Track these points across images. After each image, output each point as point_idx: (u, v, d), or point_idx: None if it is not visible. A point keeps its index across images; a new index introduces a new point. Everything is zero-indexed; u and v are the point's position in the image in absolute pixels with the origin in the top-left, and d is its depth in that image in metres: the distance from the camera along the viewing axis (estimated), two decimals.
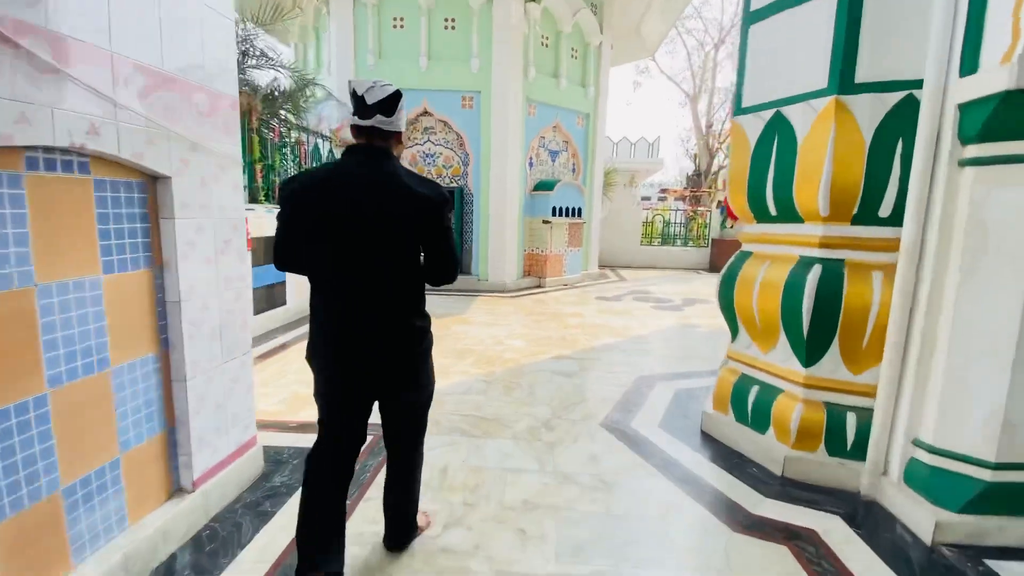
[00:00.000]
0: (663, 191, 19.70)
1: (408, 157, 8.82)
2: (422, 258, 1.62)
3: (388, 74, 8.33)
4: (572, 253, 9.64)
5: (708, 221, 13.06)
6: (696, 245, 13.24)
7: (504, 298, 7.99)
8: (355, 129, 1.51)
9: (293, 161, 6.56)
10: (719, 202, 12.69)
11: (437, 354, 2.22)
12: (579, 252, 9.80)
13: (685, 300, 8.29)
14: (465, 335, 5.54)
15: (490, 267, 8.71)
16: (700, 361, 4.77)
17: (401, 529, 1.89)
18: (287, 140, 6.42)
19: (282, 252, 1.53)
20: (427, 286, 1.67)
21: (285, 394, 3.64)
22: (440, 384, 2.57)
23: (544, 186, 9.13)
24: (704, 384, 4.00)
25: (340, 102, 8.05)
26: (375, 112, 1.46)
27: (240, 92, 4.93)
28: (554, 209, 9.06)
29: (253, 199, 5.74)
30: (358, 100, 1.46)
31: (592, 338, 5.55)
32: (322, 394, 1.61)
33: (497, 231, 8.61)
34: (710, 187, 21.15)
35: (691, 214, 13.50)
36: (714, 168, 21.49)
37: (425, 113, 8.60)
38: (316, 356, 1.58)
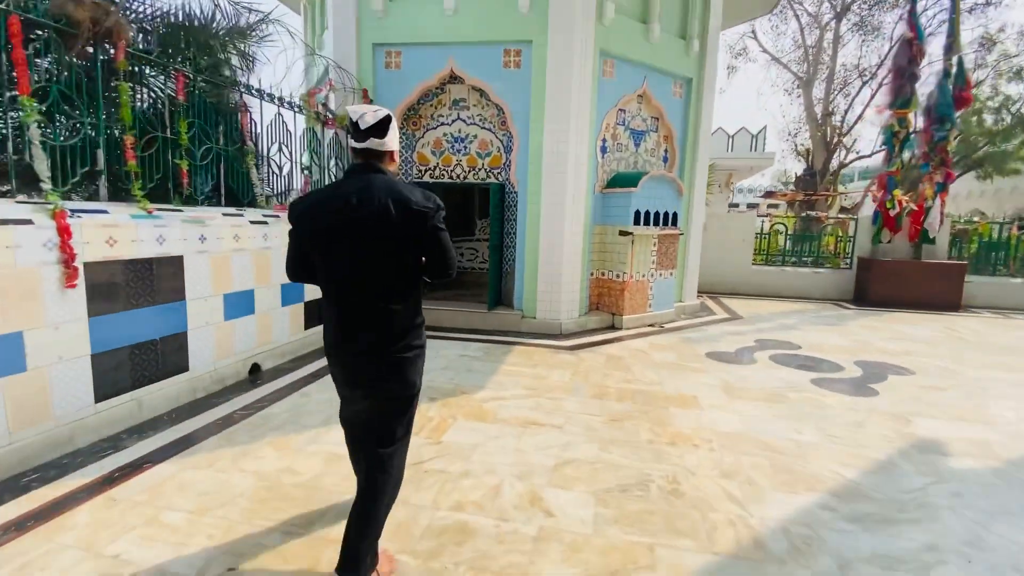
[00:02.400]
0: (768, 194, 15.93)
1: (432, 142, 6.28)
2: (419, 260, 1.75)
3: (401, 22, 5.85)
4: (662, 279, 6.62)
5: (852, 233, 9.42)
6: (832, 265, 9.63)
7: (557, 351, 5.16)
8: (353, 151, 1.72)
9: (230, 138, 4.20)
10: (875, 209, 9.05)
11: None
12: (672, 277, 6.76)
13: (860, 364, 5.01)
14: (459, 456, 2.79)
15: (539, 299, 5.91)
16: None
17: (351, 562, 1.73)
18: (212, 102, 4.05)
19: (292, 266, 1.77)
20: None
21: None
22: None
23: (623, 181, 6.22)
24: None
25: (336, 66, 5.67)
26: (369, 135, 1.66)
27: None
28: (637, 214, 6.12)
29: (166, 198, 3.38)
30: (354, 126, 1.65)
31: (743, 488, 2.59)
32: (336, 383, 1.87)
33: (552, 246, 5.81)
34: (829, 189, 17.04)
35: (826, 221, 9.89)
36: (833, 165, 17.32)
37: (452, 79, 6.03)
38: (328, 351, 1.79)
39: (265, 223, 4.31)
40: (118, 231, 3.09)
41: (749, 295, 9.41)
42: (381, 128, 1.65)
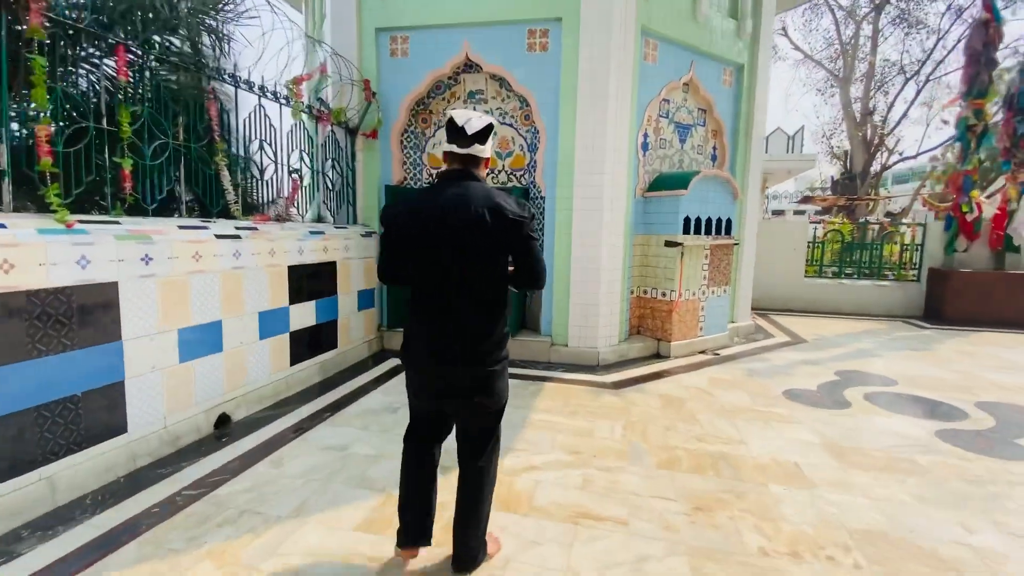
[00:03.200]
0: (805, 199, 14.78)
1: (445, 139, 5.41)
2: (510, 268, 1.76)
3: (407, 2, 5.03)
4: (715, 297, 5.63)
5: (920, 241, 8.31)
6: (899, 278, 8.50)
7: (599, 391, 4.20)
8: (450, 156, 1.71)
9: (194, 133, 3.37)
10: (948, 212, 7.96)
11: None
12: (725, 295, 5.76)
13: (984, 407, 3.95)
14: None
15: (572, 324, 4.97)
16: None
17: (467, 552, 1.86)
18: (170, 87, 3.23)
19: (386, 268, 1.77)
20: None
21: None
22: None
23: (670, 182, 5.27)
24: None
25: (332, 52, 4.86)
26: (473, 141, 1.65)
27: None
28: (687, 222, 5.16)
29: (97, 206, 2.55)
30: (458, 130, 1.64)
31: None
32: (413, 387, 1.83)
33: (587, 261, 4.88)
34: (870, 192, 15.84)
35: (889, 229, 8.78)
36: (874, 168, 16.12)
37: (467, 67, 5.19)
38: (409, 353, 1.76)
39: (238, 237, 3.47)
40: (17, 252, 2.25)
41: (802, 312, 8.33)
42: (485, 135, 1.66)
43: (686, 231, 5.16)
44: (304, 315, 4.16)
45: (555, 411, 3.68)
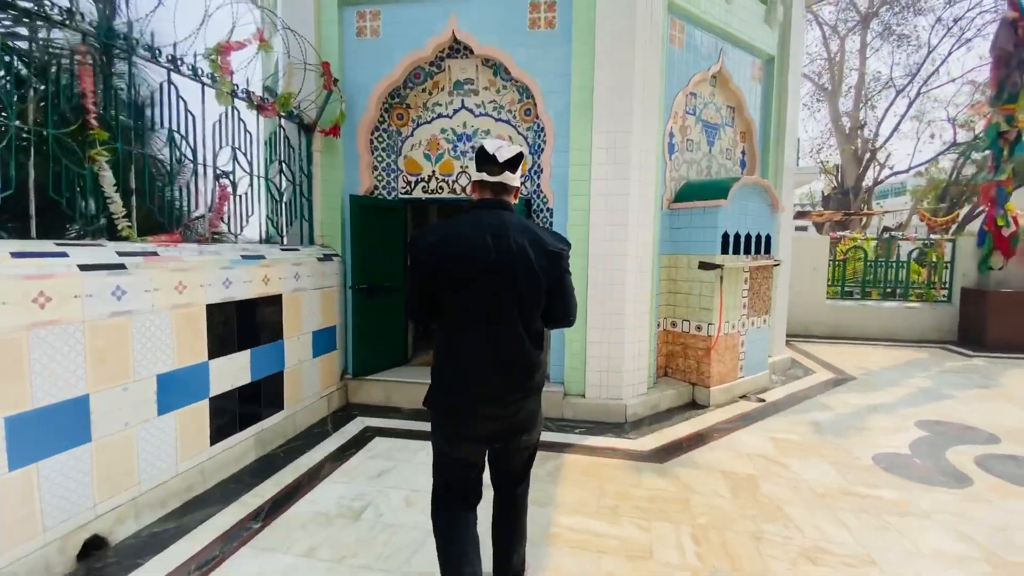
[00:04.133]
0: (801, 214, 14.22)
1: (425, 142, 4.39)
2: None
3: None
4: (755, 329, 4.68)
5: (950, 258, 7.59)
6: (929, 298, 7.75)
7: (636, 465, 3.15)
8: (479, 185, 1.62)
9: (54, 111, 2.25)
10: (981, 227, 7.27)
11: None
12: (765, 326, 4.82)
13: None
14: None
15: (590, 369, 3.91)
16: None
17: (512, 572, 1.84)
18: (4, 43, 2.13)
19: (419, 303, 1.59)
20: None
21: None
22: None
23: (703, 191, 4.32)
24: None
25: (284, 26, 3.79)
26: (504, 169, 1.57)
27: None
28: (725, 239, 4.21)
29: None
30: (489, 157, 1.55)
31: None
32: (451, 436, 1.62)
33: (608, 288, 3.86)
34: (863, 207, 15.40)
35: (918, 245, 8.05)
36: (866, 182, 15.74)
37: (454, 49, 4.19)
38: (449, 397, 1.59)
39: (120, 268, 2.33)
40: None
41: (825, 338, 7.47)
42: (516, 163, 1.59)
43: (724, 250, 4.21)
44: (233, 371, 3.01)
45: (588, 508, 2.60)
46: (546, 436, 3.56)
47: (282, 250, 3.59)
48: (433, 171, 4.40)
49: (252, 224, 3.58)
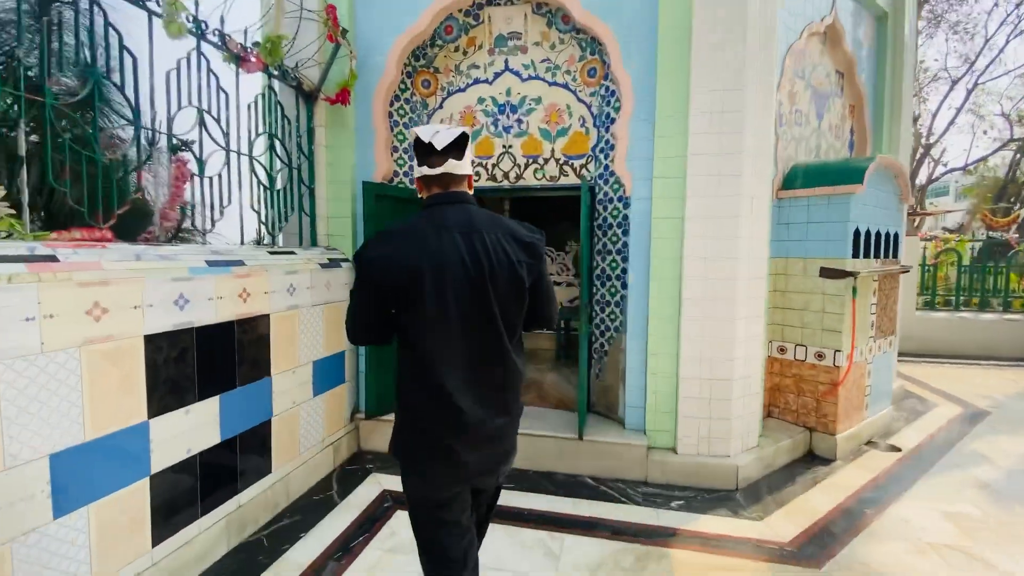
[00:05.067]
0: None
1: (458, 117, 3.43)
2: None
3: None
4: (881, 354, 3.63)
5: None
6: None
7: (759, 566, 2.13)
8: (423, 181, 1.36)
9: None
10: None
11: None
12: (891, 349, 3.76)
13: None
14: None
15: (683, 412, 2.88)
16: None
17: None
18: None
19: (369, 324, 1.34)
20: None
21: None
22: None
23: (825, 175, 3.28)
24: None
25: None
26: (447, 156, 1.31)
27: None
28: (857, 237, 3.17)
29: None
30: (425, 147, 1.30)
31: None
32: (433, 482, 1.32)
33: (709, 302, 2.83)
34: (916, 207, 14.14)
35: (1019, 248, 6.90)
36: (919, 180, 14.48)
37: None
38: (422, 435, 1.30)
39: None
40: None
41: (914, 355, 6.34)
42: (460, 146, 1.32)
43: (855, 252, 3.17)
44: (191, 430, 2.05)
45: None
46: (630, 513, 2.56)
47: (271, 253, 2.64)
48: None
49: (232, 219, 2.65)
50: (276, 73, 2.82)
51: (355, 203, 3.29)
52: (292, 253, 2.80)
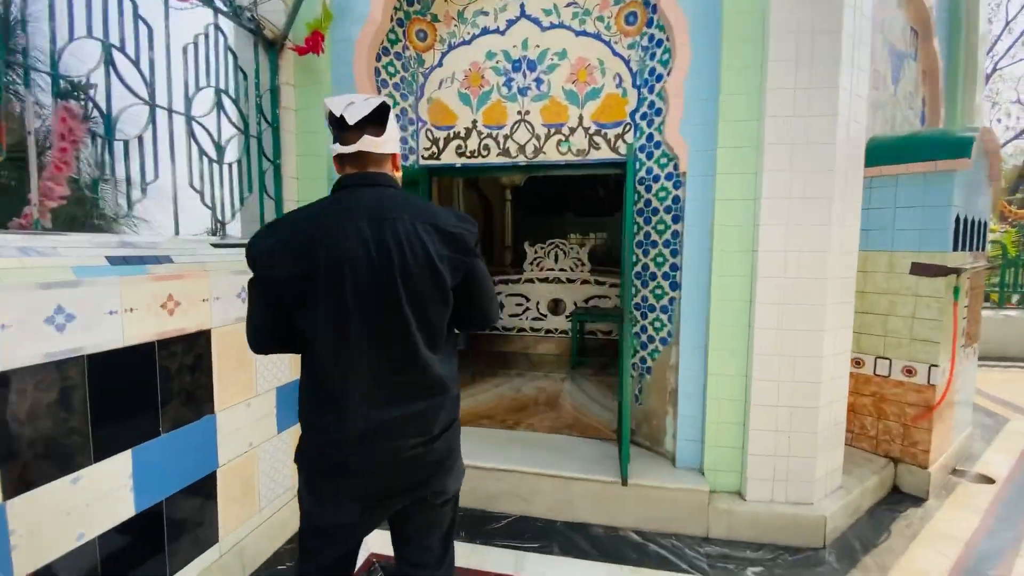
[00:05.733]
0: None
1: (462, 77, 2.76)
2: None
3: None
4: (968, 366, 3.05)
5: None
6: None
7: None
8: (339, 160, 1.14)
9: None
10: None
11: None
12: (975, 358, 3.18)
13: None
14: None
15: (752, 450, 2.27)
16: None
17: None
18: None
19: (269, 331, 1.12)
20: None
21: None
22: None
23: (918, 148, 2.65)
24: None
25: None
26: (362, 132, 1.10)
27: None
28: (957, 225, 2.57)
29: None
30: (337, 122, 1.09)
31: None
32: (324, 499, 1.13)
33: (787, 310, 2.20)
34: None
35: None
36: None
37: None
38: (317, 447, 1.12)
39: None
40: None
41: None
42: (379, 119, 1.11)
43: (955, 244, 2.57)
44: (83, 507, 1.39)
45: None
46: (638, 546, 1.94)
47: (216, 247, 1.97)
48: (474, 121, 2.78)
49: (165, 200, 1.97)
50: (225, 9, 2.14)
51: (329, 178, 2.61)
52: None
